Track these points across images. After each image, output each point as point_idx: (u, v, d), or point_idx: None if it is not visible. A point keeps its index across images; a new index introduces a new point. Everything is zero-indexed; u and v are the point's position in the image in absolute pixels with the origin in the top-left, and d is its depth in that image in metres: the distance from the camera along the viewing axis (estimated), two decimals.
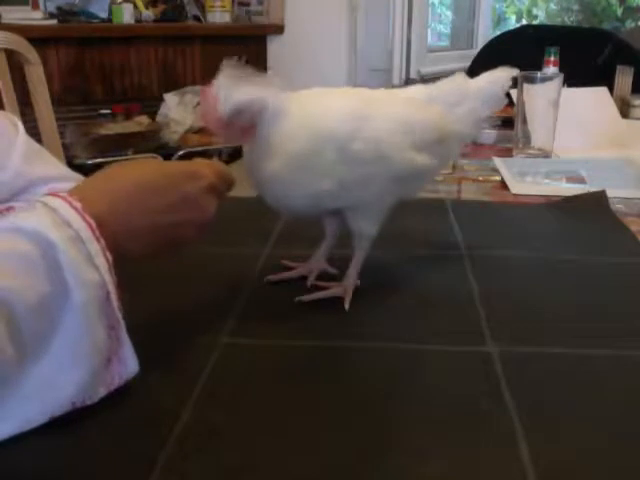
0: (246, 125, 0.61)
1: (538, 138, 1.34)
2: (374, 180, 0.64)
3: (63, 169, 0.78)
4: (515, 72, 0.75)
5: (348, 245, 0.70)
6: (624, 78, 1.73)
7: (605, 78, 1.66)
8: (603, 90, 1.57)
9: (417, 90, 0.71)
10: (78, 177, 0.78)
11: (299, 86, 0.65)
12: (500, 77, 0.74)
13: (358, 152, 0.62)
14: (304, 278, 0.72)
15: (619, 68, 1.76)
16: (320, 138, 0.61)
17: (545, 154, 1.34)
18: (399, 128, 0.65)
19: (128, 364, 0.51)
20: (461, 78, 0.73)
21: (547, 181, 1.18)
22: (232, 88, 0.59)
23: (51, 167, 0.76)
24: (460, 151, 0.78)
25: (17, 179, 0.71)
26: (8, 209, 0.70)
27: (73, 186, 0.73)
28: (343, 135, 0.62)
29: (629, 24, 5.16)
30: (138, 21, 2.78)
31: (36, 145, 0.77)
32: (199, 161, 0.61)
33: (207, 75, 0.60)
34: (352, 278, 0.69)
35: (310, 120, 0.63)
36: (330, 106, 0.65)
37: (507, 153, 1.37)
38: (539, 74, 1.35)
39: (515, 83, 1.27)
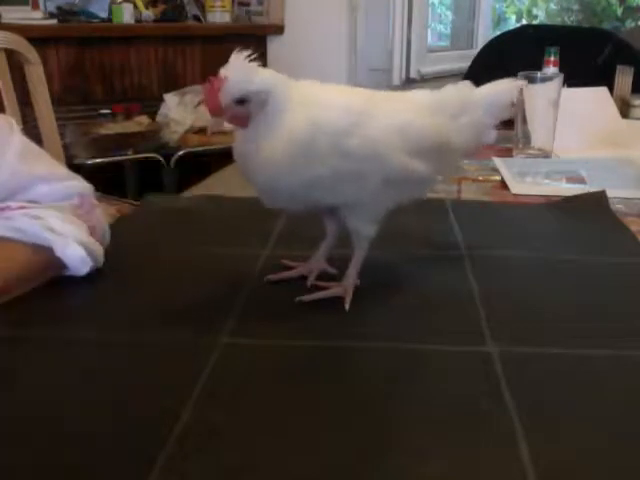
0: (246, 113, 0.60)
1: (538, 138, 1.34)
2: (367, 178, 0.64)
3: (60, 169, 0.78)
4: (520, 83, 0.75)
5: (348, 245, 0.70)
6: (624, 78, 1.73)
7: (605, 78, 1.66)
8: (603, 90, 1.57)
9: (421, 95, 0.71)
10: (75, 176, 0.78)
11: None
12: (506, 87, 0.74)
13: (353, 147, 0.62)
14: (304, 278, 0.72)
15: (619, 68, 1.76)
16: (318, 128, 0.61)
17: (545, 154, 1.34)
18: (397, 130, 0.64)
19: None
20: (467, 87, 0.72)
21: (547, 181, 1.18)
22: (241, 75, 0.59)
23: (48, 167, 0.76)
24: (461, 162, 0.77)
25: (13, 178, 0.71)
26: (3, 209, 0.70)
27: (73, 187, 0.74)
28: (340, 128, 0.62)
29: (629, 24, 5.16)
30: (138, 21, 2.78)
31: (33, 145, 0.77)
32: None
33: (207, 75, 0.60)
34: (352, 278, 0.69)
35: (310, 110, 0.62)
36: (331, 98, 0.65)
37: (507, 153, 1.37)
38: (539, 74, 1.35)
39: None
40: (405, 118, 0.66)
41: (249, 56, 0.60)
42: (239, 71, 0.59)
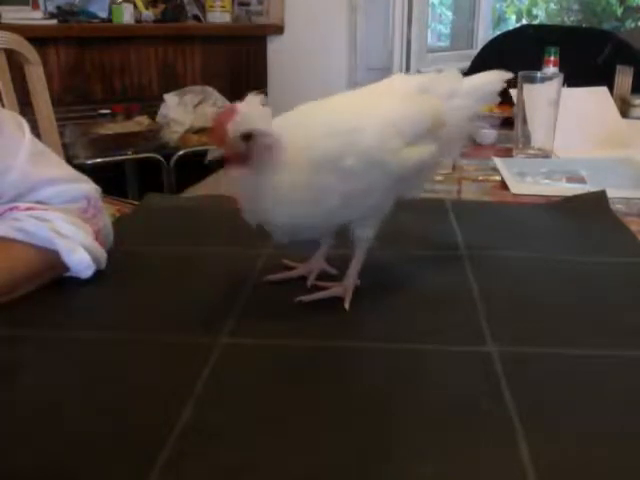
0: (247, 153, 0.59)
1: (538, 138, 1.34)
2: (377, 186, 0.64)
3: (69, 170, 0.78)
4: (509, 75, 0.75)
5: (348, 245, 0.70)
6: (624, 78, 1.73)
7: (605, 78, 1.66)
8: (603, 90, 1.57)
9: (402, 81, 0.71)
10: (83, 178, 0.78)
11: (299, 86, 0.65)
12: (493, 78, 0.74)
13: (349, 166, 0.61)
14: (304, 278, 0.72)
15: (619, 68, 1.76)
16: (315, 163, 0.61)
17: (545, 154, 1.34)
18: (390, 131, 0.64)
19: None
20: (454, 73, 0.72)
21: (547, 181, 1.18)
22: (254, 112, 0.58)
23: (57, 169, 0.76)
24: (459, 148, 0.78)
25: (23, 180, 0.71)
26: (12, 209, 0.70)
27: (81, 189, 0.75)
28: (334, 153, 0.61)
29: (629, 24, 5.17)
30: (138, 21, 2.78)
31: (41, 146, 0.77)
32: None
33: (207, 75, 0.60)
34: (352, 278, 0.69)
35: (302, 147, 0.61)
36: (315, 125, 0.64)
37: (507, 153, 1.37)
38: (539, 74, 1.35)
39: (514, 83, 1.28)
40: (394, 114, 0.65)
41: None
42: (252, 107, 0.58)
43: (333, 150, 0.61)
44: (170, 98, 2.62)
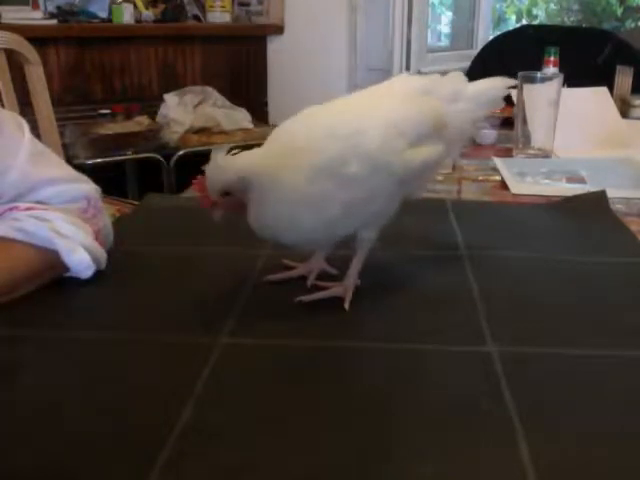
0: (238, 200, 0.63)
1: (538, 138, 1.34)
2: (380, 192, 0.64)
3: (69, 170, 0.78)
4: (513, 82, 0.75)
5: (348, 245, 0.70)
6: (624, 78, 1.73)
7: (605, 78, 1.66)
8: (603, 90, 1.57)
9: (402, 83, 0.71)
10: (83, 178, 0.78)
11: (299, 86, 0.65)
12: (498, 83, 0.74)
13: (353, 173, 0.61)
14: (304, 278, 0.72)
15: (619, 68, 1.76)
16: (316, 168, 0.61)
17: (545, 154, 1.34)
18: (391, 133, 0.64)
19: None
20: (458, 77, 0.72)
21: (547, 181, 1.18)
22: (217, 172, 0.61)
23: (56, 169, 0.76)
24: (459, 149, 0.78)
25: (23, 180, 0.71)
26: (12, 209, 0.70)
27: (81, 189, 0.75)
28: (335, 159, 0.61)
29: (629, 24, 5.16)
30: (138, 21, 2.78)
31: (41, 146, 0.77)
32: None
33: (207, 75, 0.61)
34: (352, 278, 0.69)
35: (299, 158, 0.61)
36: (315, 131, 0.64)
37: (507, 153, 1.37)
38: (539, 74, 1.35)
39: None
40: (395, 114, 0.65)
41: (230, 150, 0.62)
42: (215, 168, 0.61)
43: (336, 154, 0.61)
44: (170, 98, 2.62)
